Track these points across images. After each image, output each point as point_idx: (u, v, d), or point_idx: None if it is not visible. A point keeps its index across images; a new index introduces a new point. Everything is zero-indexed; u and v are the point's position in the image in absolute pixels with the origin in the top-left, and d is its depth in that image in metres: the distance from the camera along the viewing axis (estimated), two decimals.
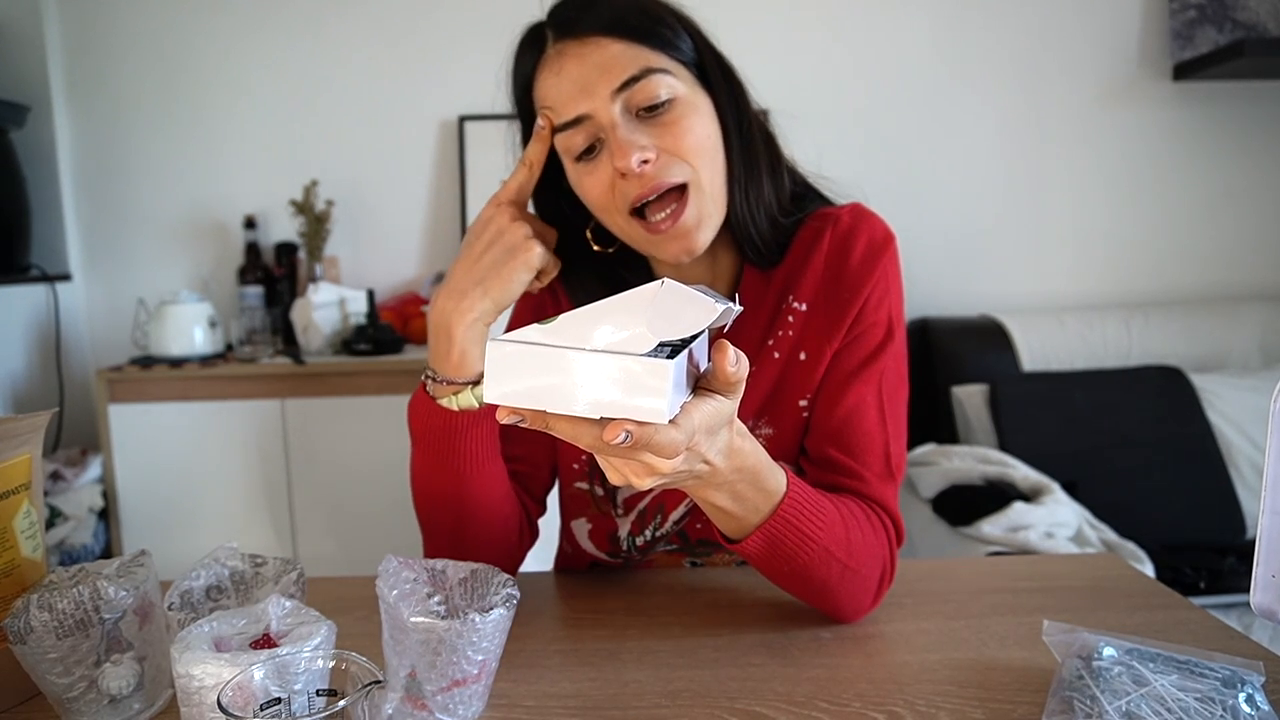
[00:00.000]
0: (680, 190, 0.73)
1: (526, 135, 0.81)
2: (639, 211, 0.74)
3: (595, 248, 0.84)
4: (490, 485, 0.78)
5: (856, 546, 0.72)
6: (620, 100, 0.72)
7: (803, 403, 0.82)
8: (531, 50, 0.77)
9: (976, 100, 2.47)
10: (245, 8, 2.42)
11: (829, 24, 2.45)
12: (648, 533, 0.88)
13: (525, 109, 0.80)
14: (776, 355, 0.83)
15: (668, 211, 0.73)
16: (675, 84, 0.73)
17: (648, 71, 0.72)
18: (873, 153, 2.48)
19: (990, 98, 2.47)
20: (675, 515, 0.87)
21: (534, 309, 0.91)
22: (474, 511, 0.78)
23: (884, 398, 0.80)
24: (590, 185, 0.75)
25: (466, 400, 0.74)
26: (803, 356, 0.82)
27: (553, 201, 0.83)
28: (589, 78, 0.72)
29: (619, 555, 0.90)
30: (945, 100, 2.47)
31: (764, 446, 0.84)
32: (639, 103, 0.72)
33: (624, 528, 0.88)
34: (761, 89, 0.83)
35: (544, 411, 0.47)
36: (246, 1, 2.42)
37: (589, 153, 0.74)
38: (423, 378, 0.76)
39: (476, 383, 0.74)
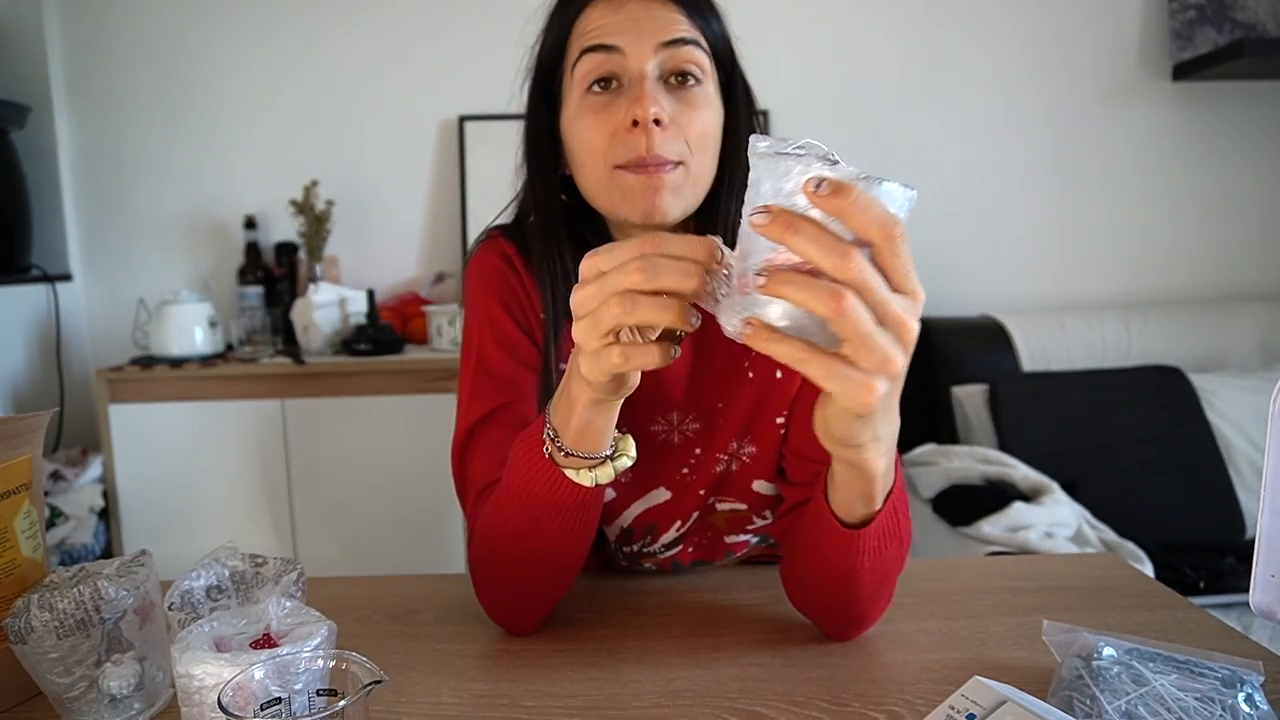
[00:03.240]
0: (673, 164, 0.74)
1: (546, 78, 0.80)
2: (620, 169, 0.75)
3: (563, 197, 0.83)
4: (590, 543, 0.73)
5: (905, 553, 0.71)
6: (660, 56, 0.74)
7: (779, 419, 0.83)
8: None
9: (976, 100, 2.48)
10: (246, 8, 2.42)
11: (826, 24, 2.45)
12: (635, 546, 0.88)
13: (554, 48, 0.79)
14: (751, 375, 0.83)
15: (658, 163, 0.73)
16: (707, 72, 0.76)
17: (696, 43, 0.75)
18: (871, 153, 2.48)
19: (990, 98, 2.48)
20: (665, 539, 0.87)
21: (498, 289, 0.86)
22: (571, 570, 0.74)
23: None
24: (592, 124, 0.75)
25: (606, 475, 0.65)
26: (779, 375, 0.82)
27: (543, 153, 0.82)
28: (644, 22, 0.74)
29: (604, 555, 0.91)
30: (944, 100, 2.47)
31: (747, 464, 0.84)
32: (675, 66, 0.74)
33: (612, 534, 0.88)
34: (760, 88, 0.84)
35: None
36: (247, 2, 2.42)
37: (603, 85, 0.75)
38: (546, 440, 0.64)
39: (612, 456, 0.65)
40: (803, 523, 0.71)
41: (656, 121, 0.72)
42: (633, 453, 0.66)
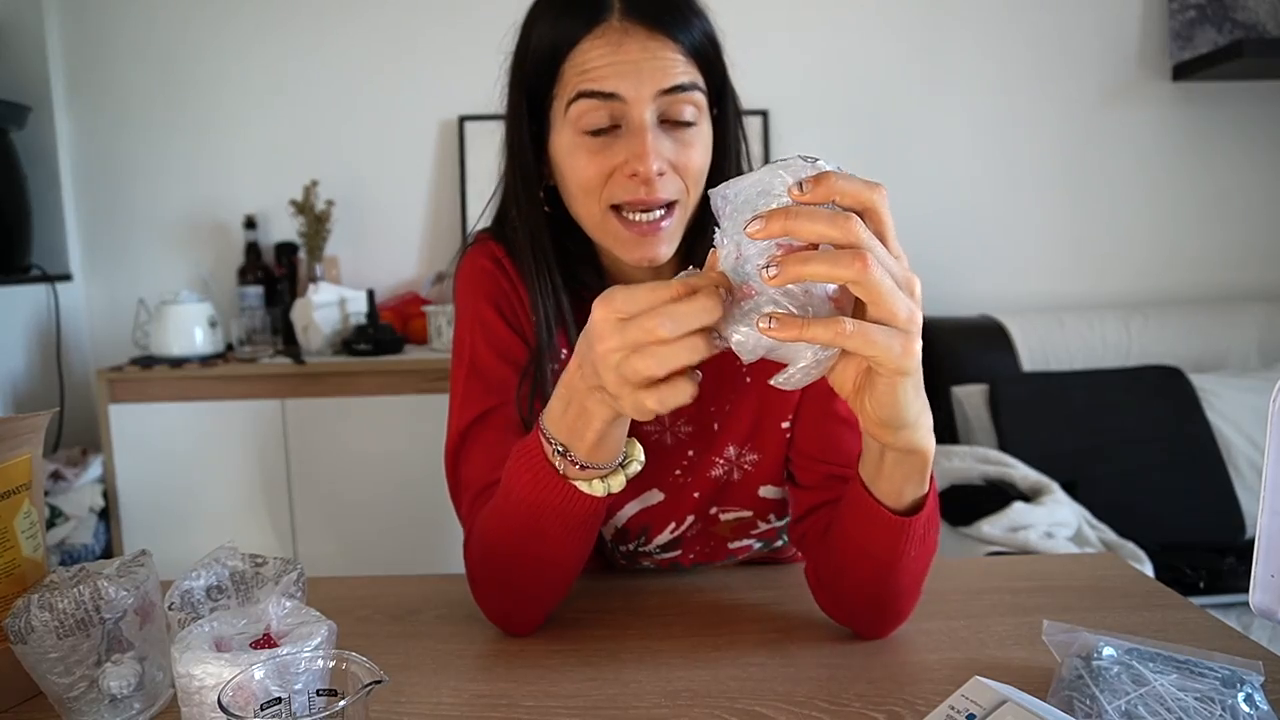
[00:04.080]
0: (669, 206, 0.75)
1: (534, 91, 0.77)
2: (615, 208, 0.75)
3: (546, 209, 0.82)
4: (591, 547, 0.73)
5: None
6: (659, 102, 0.73)
7: (784, 424, 0.83)
8: (587, 14, 0.73)
9: (975, 100, 2.48)
10: (246, 8, 2.42)
11: (825, 23, 2.45)
12: (631, 545, 0.88)
13: (544, 69, 0.76)
14: (749, 380, 0.83)
15: (655, 215, 0.74)
16: (703, 110, 0.76)
17: (694, 86, 0.74)
18: (870, 153, 2.48)
19: (990, 98, 2.48)
20: (660, 540, 0.87)
21: (489, 292, 0.85)
22: (573, 576, 0.74)
23: None
24: (587, 164, 0.74)
25: (619, 483, 0.65)
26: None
27: (526, 165, 0.81)
28: (644, 66, 0.72)
29: (603, 555, 0.91)
30: (944, 100, 2.47)
31: (750, 472, 0.84)
32: (673, 113, 0.73)
33: (607, 532, 0.88)
34: (760, 87, 0.84)
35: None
36: (247, 2, 2.42)
37: (601, 132, 0.74)
38: (555, 456, 0.63)
39: (623, 463, 0.65)
40: (840, 523, 0.71)
41: (661, 173, 0.72)
42: (642, 457, 0.66)
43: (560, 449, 0.62)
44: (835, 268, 0.47)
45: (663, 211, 0.75)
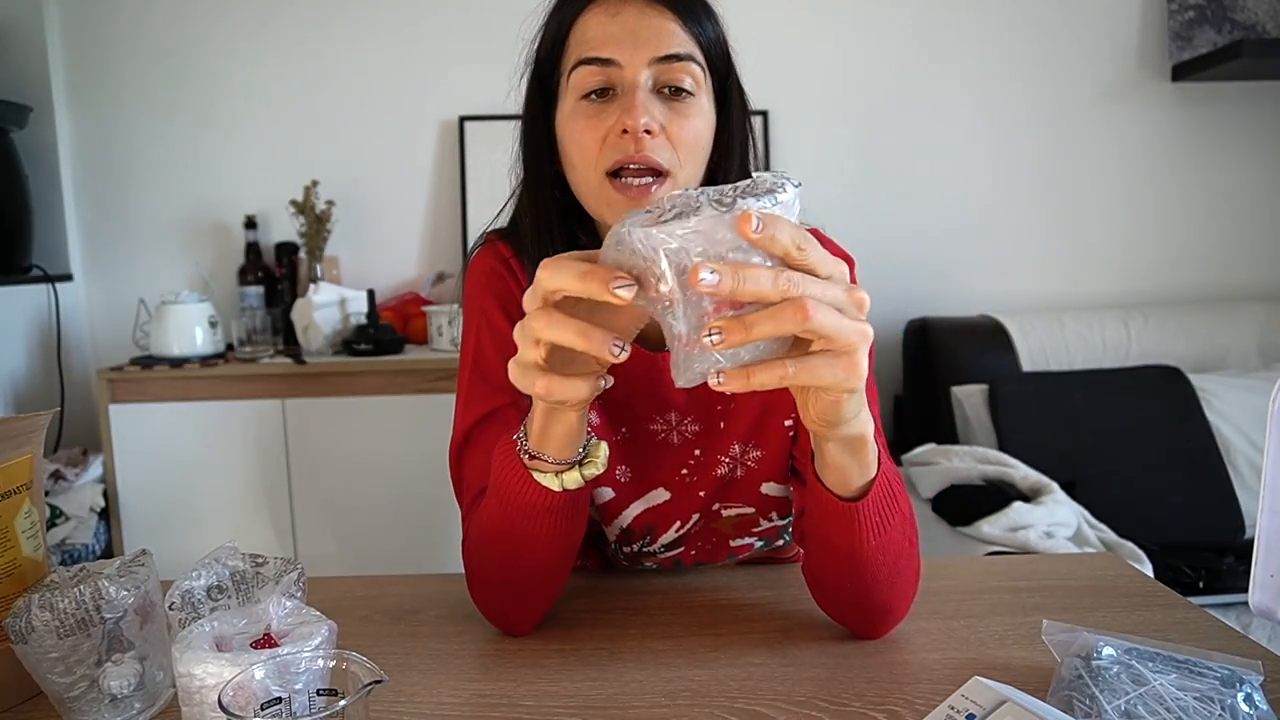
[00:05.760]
0: (660, 174, 0.75)
1: (543, 75, 0.81)
2: (614, 174, 0.76)
3: (557, 193, 0.83)
4: (575, 549, 0.74)
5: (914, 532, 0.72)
6: (654, 69, 0.74)
7: (787, 423, 0.83)
8: None
9: (975, 100, 2.48)
10: (246, 8, 2.42)
11: (825, 23, 2.45)
12: (634, 546, 0.88)
13: (552, 47, 0.80)
14: None
15: (645, 180, 0.75)
16: (700, 84, 0.77)
17: (691, 58, 0.76)
18: (871, 153, 2.48)
19: (989, 98, 2.48)
20: (665, 539, 0.87)
21: (496, 292, 0.86)
22: (555, 575, 0.74)
23: (870, 402, 0.81)
24: (583, 129, 0.76)
25: (573, 480, 0.66)
26: None
27: (539, 148, 0.83)
28: (641, 34, 0.74)
29: (604, 556, 0.91)
30: (944, 100, 2.47)
31: (753, 469, 0.84)
32: (668, 80, 0.75)
33: (612, 534, 0.88)
34: (760, 87, 0.84)
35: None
36: (248, 2, 2.42)
37: (599, 95, 0.75)
38: (519, 441, 0.66)
39: (580, 462, 0.66)
40: (809, 515, 0.72)
41: (647, 131, 0.73)
42: (602, 461, 0.67)
43: (524, 435, 0.65)
44: (780, 324, 0.47)
45: (653, 179, 0.75)
